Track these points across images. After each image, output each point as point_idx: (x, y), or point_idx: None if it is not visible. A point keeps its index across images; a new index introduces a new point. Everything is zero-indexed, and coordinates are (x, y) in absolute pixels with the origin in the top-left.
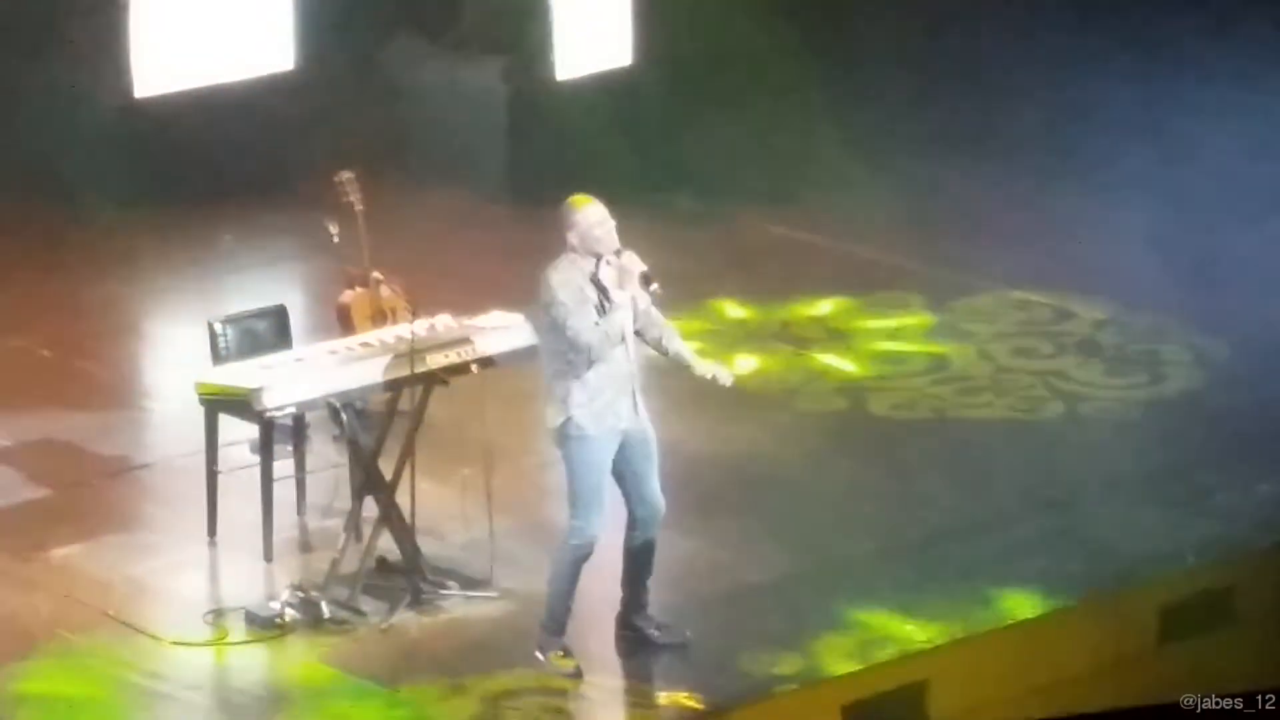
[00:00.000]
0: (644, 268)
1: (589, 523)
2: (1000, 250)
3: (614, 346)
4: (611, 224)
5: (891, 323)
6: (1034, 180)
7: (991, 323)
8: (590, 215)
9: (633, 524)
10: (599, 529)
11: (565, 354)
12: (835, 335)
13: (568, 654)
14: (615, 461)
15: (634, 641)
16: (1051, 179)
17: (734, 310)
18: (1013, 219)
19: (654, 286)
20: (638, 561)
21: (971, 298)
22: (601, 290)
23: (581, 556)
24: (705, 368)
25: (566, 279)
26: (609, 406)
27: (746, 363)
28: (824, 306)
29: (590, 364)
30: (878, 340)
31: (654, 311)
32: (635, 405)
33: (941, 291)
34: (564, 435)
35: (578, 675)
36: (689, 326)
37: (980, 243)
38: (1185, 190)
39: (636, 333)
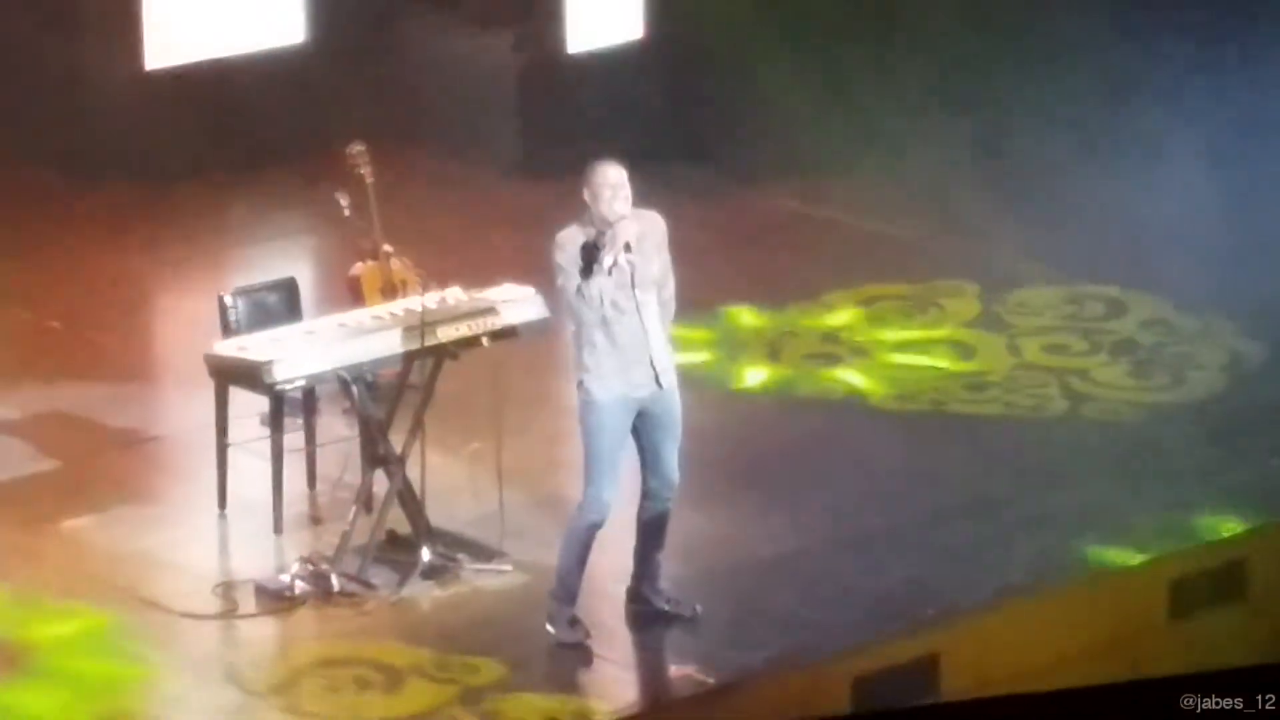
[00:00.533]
0: (630, 237)
1: (601, 490)
2: (1057, 237)
3: (596, 310)
4: (622, 190)
5: (914, 331)
6: (1096, 158)
7: (1037, 316)
8: (601, 176)
9: (646, 494)
10: (611, 498)
11: (570, 315)
12: (856, 351)
13: (576, 624)
14: (635, 429)
15: (644, 614)
16: (1117, 158)
17: (748, 318)
18: (1066, 199)
19: (629, 255)
20: (649, 533)
21: (1026, 288)
22: (589, 255)
23: (594, 525)
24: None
25: (567, 241)
26: (619, 373)
27: (756, 375)
28: (842, 315)
29: (596, 328)
30: (893, 353)
31: (669, 288)
32: (655, 375)
33: (996, 280)
34: (579, 398)
35: (587, 647)
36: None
37: (1038, 228)
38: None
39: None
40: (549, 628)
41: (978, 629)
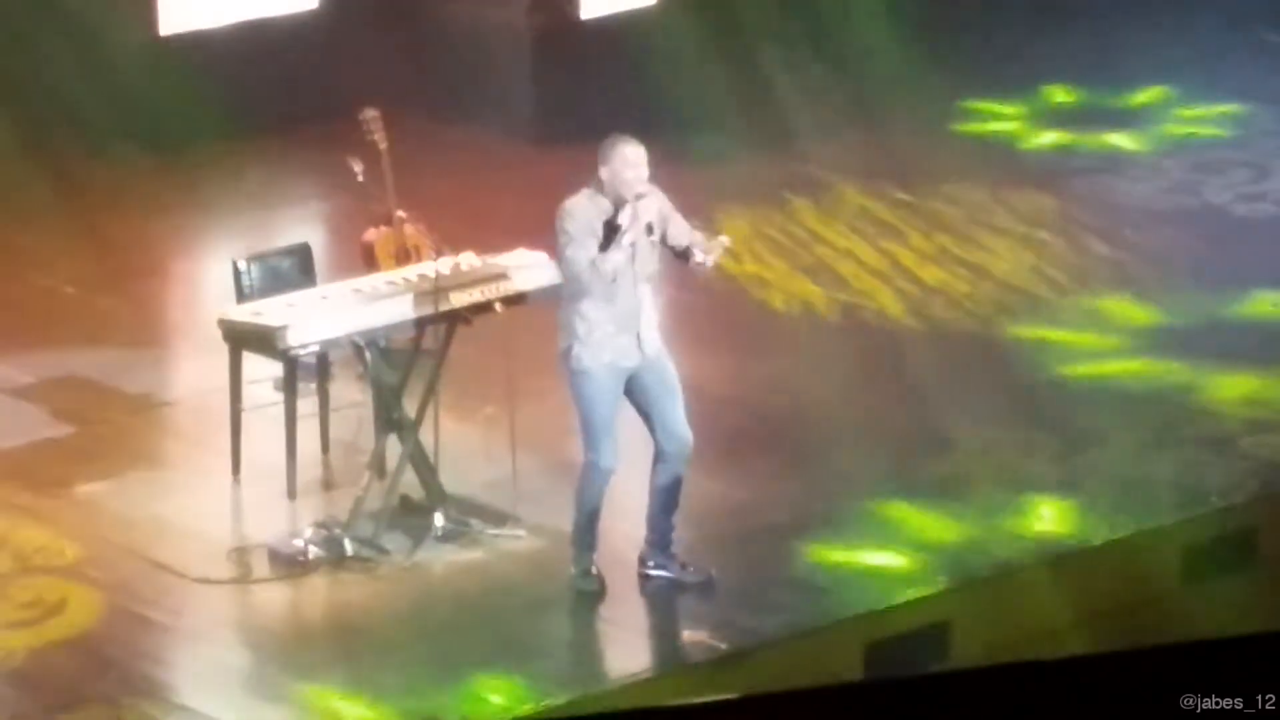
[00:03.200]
0: (653, 217)
1: (600, 455)
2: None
3: (604, 284)
4: (644, 170)
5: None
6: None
7: None
8: (623, 155)
9: (659, 457)
10: (611, 460)
11: (569, 282)
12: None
13: (589, 576)
14: (634, 398)
15: (656, 580)
16: None
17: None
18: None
19: (653, 237)
20: (664, 497)
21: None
22: (611, 230)
23: (598, 485)
24: (709, 244)
25: (579, 210)
26: (607, 342)
27: None
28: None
29: (589, 297)
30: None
31: (692, 231)
32: (640, 343)
33: None
34: (565, 365)
35: (600, 592)
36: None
37: None
38: None
39: (678, 254)
40: (571, 568)
41: (989, 595)
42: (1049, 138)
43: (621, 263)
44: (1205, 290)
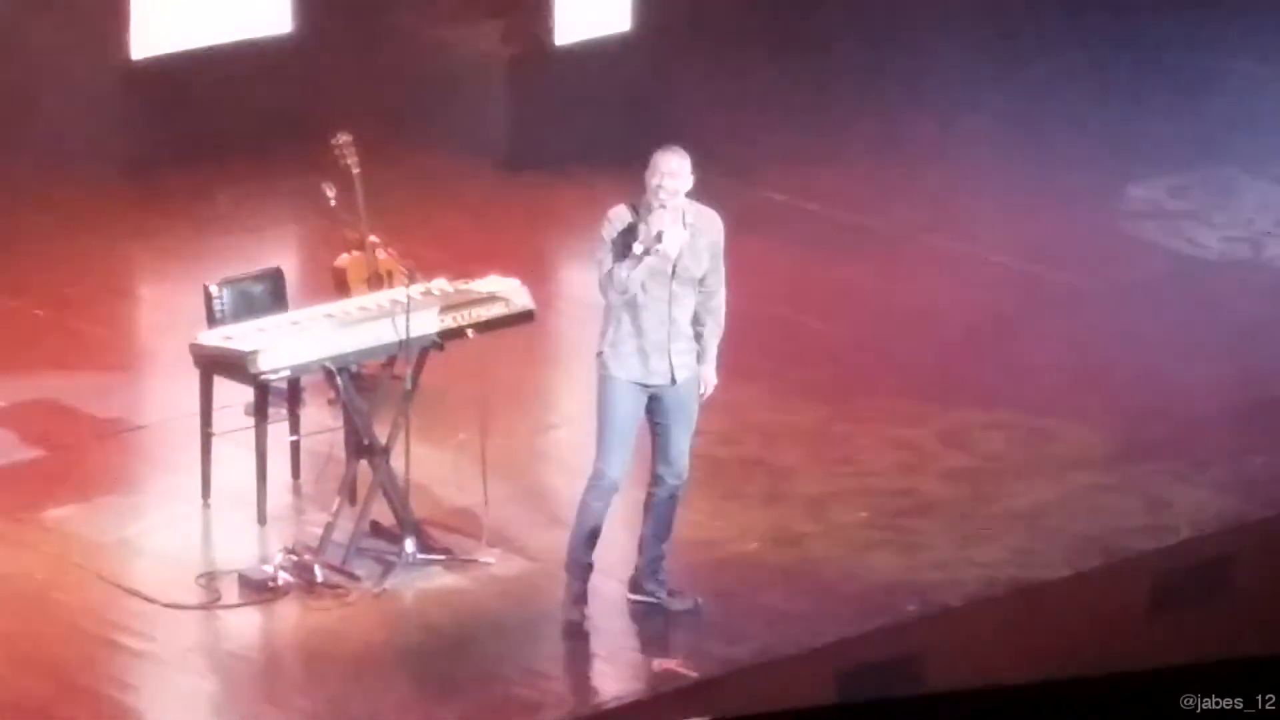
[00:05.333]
0: (663, 227)
1: (609, 464)
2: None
3: (620, 295)
4: (673, 180)
5: None
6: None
7: None
8: (656, 163)
9: (653, 480)
10: (618, 473)
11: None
12: None
13: (580, 602)
14: (650, 415)
15: (644, 606)
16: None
17: None
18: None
19: (660, 246)
20: (656, 521)
21: None
22: (629, 239)
23: (603, 493)
24: (705, 373)
25: (615, 218)
26: (636, 357)
27: None
28: None
29: (624, 307)
30: None
31: (719, 296)
32: (671, 368)
33: None
34: (597, 371)
35: (580, 625)
36: None
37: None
38: None
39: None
40: (561, 592)
41: (960, 625)
42: None
43: (633, 278)
44: None
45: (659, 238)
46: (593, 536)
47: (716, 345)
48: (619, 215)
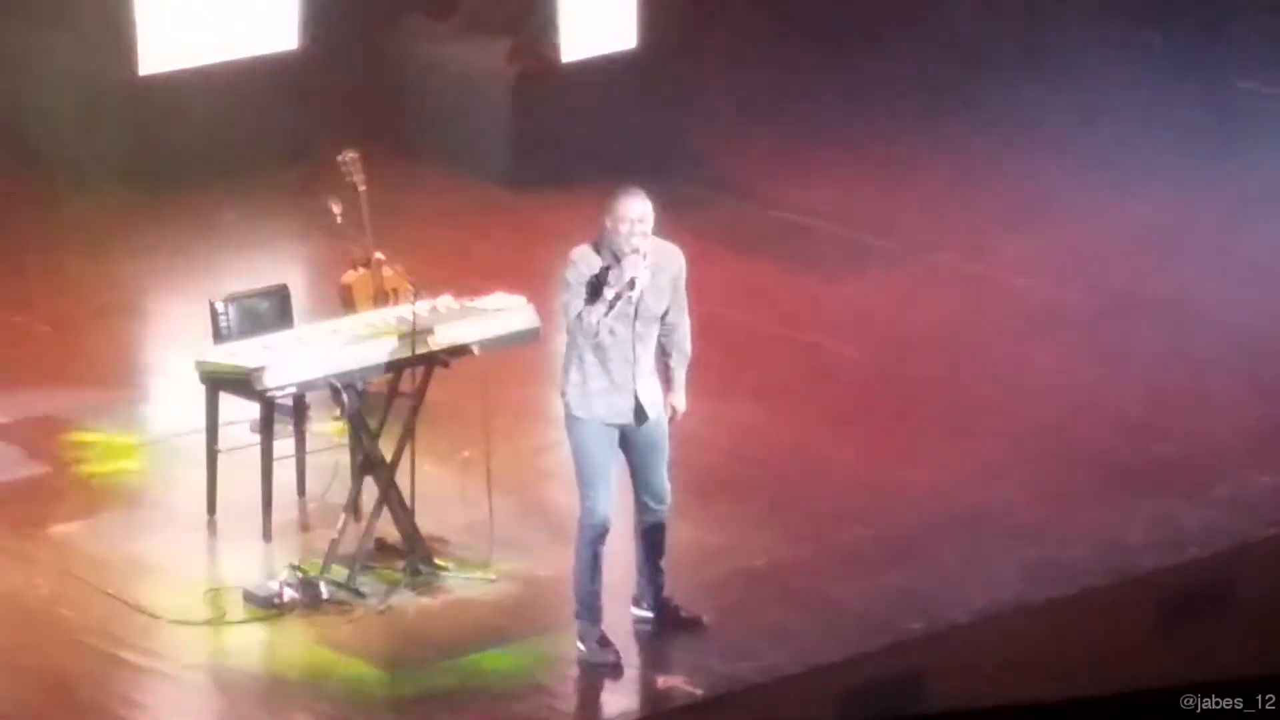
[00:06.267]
0: (637, 273)
1: (596, 502)
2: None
3: (589, 339)
4: (641, 225)
5: None
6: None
7: None
8: (621, 210)
9: (639, 508)
10: (606, 507)
11: (567, 332)
12: None
13: (606, 644)
14: (623, 448)
15: (647, 623)
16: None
17: None
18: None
19: (632, 293)
20: (646, 542)
21: None
22: (597, 284)
23: (596, 537)
24: (674, 400)
25: (580, 260)
26: (601, 397)
27: None
28: None
29: (588, 349)
30: None
31: (684, 327)
32: (636, 405)
33: None
34: (563, 411)
35: (617, 666)
36: None
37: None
38: None
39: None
40: (580, 645)
41: (964, 645)
42: None
43: (603, 321)
44: None
45: (631, 284)
46: (596, 577)
47: (684, 374)
48: (583, 257)
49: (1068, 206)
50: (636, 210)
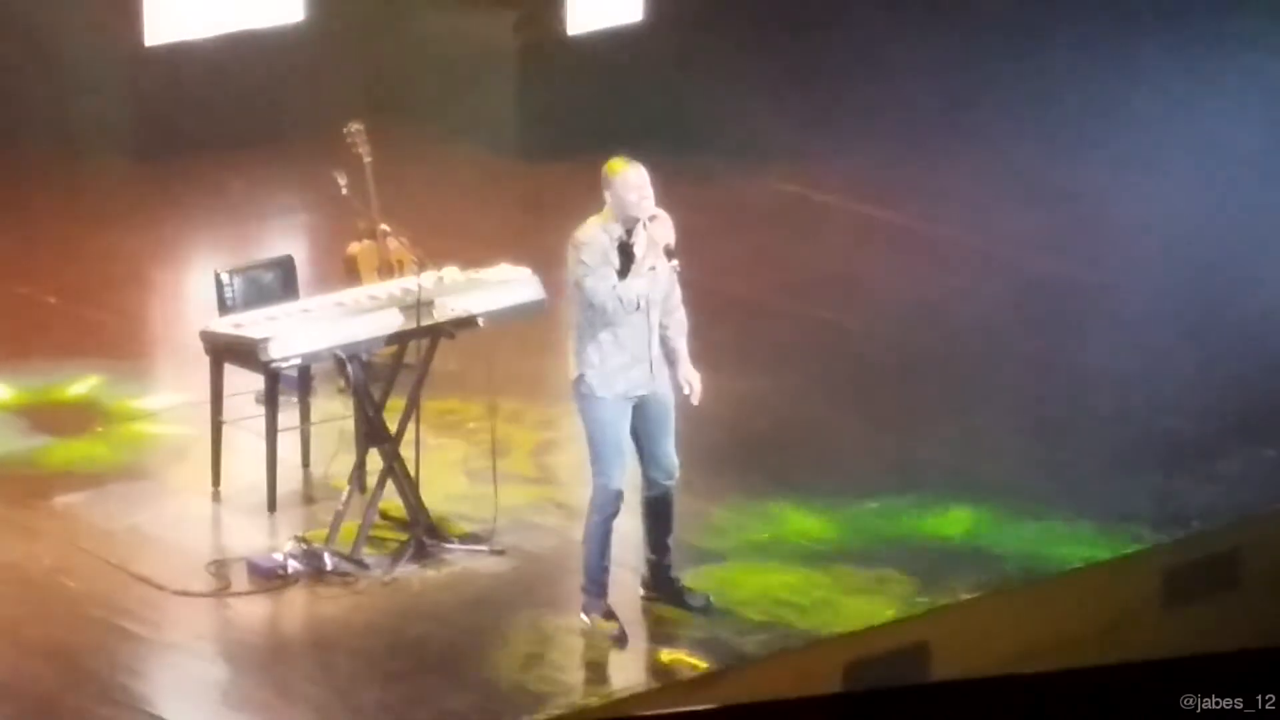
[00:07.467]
0: (670, 239)
1: (610, 478)
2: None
3: (629, 313)
4: (648, 190)
5: None
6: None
7: None
8: (625, 180)
9: (647, 484)
10: (621, 483)
11: (585, 311)
12: None
13: (611, 616)
14: (633, 423)
15: (653, 598)
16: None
17: None
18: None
19: (674, 262)
20: (654, 519)
21: None
22: (627, 255)
23: (608, 513)
24: (686, 374)
25: (592, 238)
26: (620, 372)
27: None
28: None
29: (605, 326)
30: None
31: (676, 295)
32: (652, 373)
33: None
34: (577, 392)
35: (622, 638)
36: None
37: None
38: None
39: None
40: (584, 618)
41: (968, 617)
42: None
43: (644, 289)
44: None
45: (670, 253)
46: (605, 553)
47: (684, 343)
48: (592, 235)
49: (1078, 182)
50: (640, 177)
